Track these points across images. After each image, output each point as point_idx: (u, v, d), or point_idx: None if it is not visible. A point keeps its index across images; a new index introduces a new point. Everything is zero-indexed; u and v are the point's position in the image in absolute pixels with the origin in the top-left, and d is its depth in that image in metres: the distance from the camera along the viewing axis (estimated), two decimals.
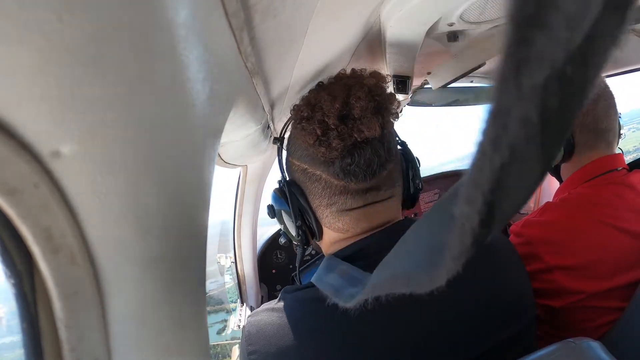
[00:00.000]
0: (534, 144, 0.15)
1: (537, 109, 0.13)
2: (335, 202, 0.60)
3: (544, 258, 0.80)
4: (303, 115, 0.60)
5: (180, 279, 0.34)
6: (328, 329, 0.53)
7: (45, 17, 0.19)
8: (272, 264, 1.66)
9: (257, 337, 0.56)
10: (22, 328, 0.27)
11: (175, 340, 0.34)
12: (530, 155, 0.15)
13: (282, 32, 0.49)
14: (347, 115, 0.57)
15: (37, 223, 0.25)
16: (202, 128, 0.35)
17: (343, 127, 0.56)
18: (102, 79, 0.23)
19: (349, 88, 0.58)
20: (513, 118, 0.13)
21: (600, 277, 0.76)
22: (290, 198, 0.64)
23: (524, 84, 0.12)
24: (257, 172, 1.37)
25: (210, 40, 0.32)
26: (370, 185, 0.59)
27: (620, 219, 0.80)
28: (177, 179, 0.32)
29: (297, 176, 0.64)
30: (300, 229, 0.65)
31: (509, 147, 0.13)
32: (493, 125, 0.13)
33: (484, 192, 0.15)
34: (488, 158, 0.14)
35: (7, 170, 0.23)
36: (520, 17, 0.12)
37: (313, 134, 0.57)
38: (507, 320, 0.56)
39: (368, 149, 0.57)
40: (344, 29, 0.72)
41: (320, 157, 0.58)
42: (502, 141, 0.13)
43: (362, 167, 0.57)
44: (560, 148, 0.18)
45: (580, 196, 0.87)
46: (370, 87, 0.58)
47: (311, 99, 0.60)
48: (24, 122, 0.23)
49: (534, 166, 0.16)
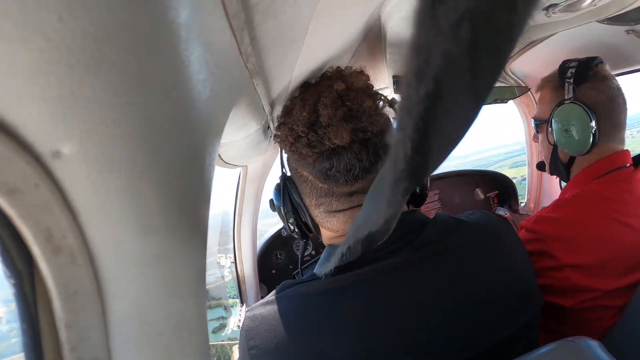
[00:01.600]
0: (463, 79, 0.15)
1: (459, 45, 0.14)
2: (322, 203, 0.61)
3: (557, 255, 0.79)
4: (280, 121, 0.60)
5: (180, 279, 0.34)
6: (331, 320, 0.53)
7: (46, 17, 0.19)
8: (272, 264, 1.66)
9: (256, 331, 0.56)
10: (22, 328, 0.27)
11: (175, 340, 0.34)
12: (460, 88, 0.16)
13: (282, 33, 0.49)
14: (314, 122, 0.56)
15: (37, 223, 0.25)
16: (202, 128, 0.35)
17: (313, 135, 0.55)
18: (102, 79, 0.23)
19: (319, 94, 0.57)
20: (434, 52, 0.14)
21: (613, 275, 0.76)
22: (284, 195, 0.65)
23: (441, 20, 0.13)
24: (257, 172, 1.37)
25: (211, 41, 0.32)
26: (355, 188, 0.58)
27: (631, 216, 0.80)
28: (177, 179, 0.32)
29: (293, 174, 0.65)
30: (295, 224, 0.66)
31: (434, 79, 0.14)
32: (415, 59, 0.14)
33: (414, 118, 0.15)
34: (414, 88, 0.15)
35: (7, 170, 0.23)
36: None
37: (287, 140, 0.58)
38: (516, 311, 0.56)
39: (346, 155, 0.56)
40: (344, 29, 0.72)
41: (300, 159, 0.58)
42: (425, 73, 0.14)
43: (342, 172, 0.56)
44: (494, 83, 0.19)
45: (592, 193, 0.87)
46: (340, 92, 0.56)
47: (288, 103, 0.60)
48: (24, 122, 0.23)
49: (466, 100, 0.17)
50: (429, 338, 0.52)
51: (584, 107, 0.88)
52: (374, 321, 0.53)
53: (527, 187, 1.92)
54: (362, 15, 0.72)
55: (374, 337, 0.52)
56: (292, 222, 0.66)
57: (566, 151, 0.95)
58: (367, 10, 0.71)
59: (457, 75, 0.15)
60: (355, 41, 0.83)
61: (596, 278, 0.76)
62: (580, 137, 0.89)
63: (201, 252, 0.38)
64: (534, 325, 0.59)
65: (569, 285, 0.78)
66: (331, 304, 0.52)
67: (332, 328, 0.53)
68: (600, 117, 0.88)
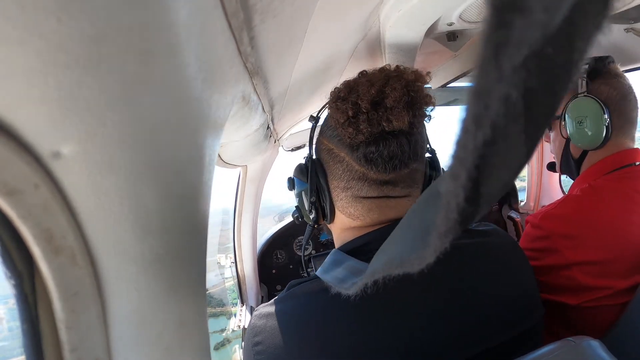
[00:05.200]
0: (518, 123, 0.15)
1: (518, 89, 0.14)
2: (352, 187, 0.62)
3: (564, 253, 0.78)
4: (340, 95, 0.61)
5: (180, 279, 0.34)
6: (335, 318, 0.54)
7: (45, 18, 0.19)
8: (272, 264, 1.66)
9: (262, 328, 0.57)
10: (22, 329, 0.27)
11: (176, 340, 0.34)
12: (514, 134, 0.16)
13: (281, 33, 0.49)
14: (379, 102, 0.58)
15: (37, 224, 0.25)
16: (202, 128, 0.35)
17: (373, 113, 0.57)
18: (101, 80, 0.23)
19: (388, 78, 0.59)
20: (494, 97, 0.13)
21: (619, 274, 0.76)
22: (311, 174, 0.66)
23: (503, 65, 0.13)
24: (256, 172, 1.37)
25: (210, 41, 0.32)
26: (389, 178, 0.60)
27: (639, 215, 0.79)
28: (177, 180, 0.32)
29: (323, 155, 0.66)
30: (313, 206, 0.67)
31: (492, 125, 0.14)
32: (475, 104, 0.14)
33: (468, 168, 0.15)
34: (471, 135, 0.14)
35: (7, 171, 0.23)
36: (499, 1, 0.12)
37: (345, 113, 0.59)
38: (515, 319, 0.57)
39: (394, 142, 0.58)
40: (343, 29, 0.72)
41: (347, 138, 0.59)
42: (484, 119, 0.14)
43: (384, 158, 0.58)
44: (545, 128, 0.18)
45: (601, 189, 0.86)
46: (409, 81, 0.59)
47: (351, 82, 0.62)
48: (24, 123, 0.23)
49: (518, 145, 0.17)
50: (431, 338, 0.53)
51: (597, 101, 0.88)
52: (377, 319, 0.53)
53: (527, 185, 1.92)
54: (361, 16, 0.72)
55: (377, 335, 0.52)
56: (312, 203, 0.66)
57: (579, 145, 0.94)
58: (366, 11, 0.72)
59: (512, 120, 0.15)
60: (355, 41, 0.83)
61: (603, 277, 0.76)
62: (594, 130, 0.89)
63: (201, 252, 0.38)
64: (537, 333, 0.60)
65: (575, 284, 0.77)
66: (335, 302, 0.53)
67: (335, 325, 0.53)
68: (614, 112, 0.88)
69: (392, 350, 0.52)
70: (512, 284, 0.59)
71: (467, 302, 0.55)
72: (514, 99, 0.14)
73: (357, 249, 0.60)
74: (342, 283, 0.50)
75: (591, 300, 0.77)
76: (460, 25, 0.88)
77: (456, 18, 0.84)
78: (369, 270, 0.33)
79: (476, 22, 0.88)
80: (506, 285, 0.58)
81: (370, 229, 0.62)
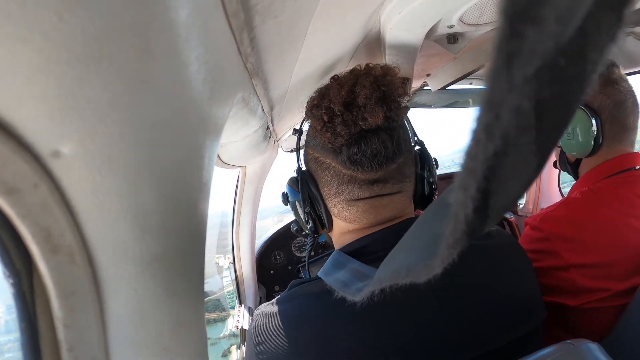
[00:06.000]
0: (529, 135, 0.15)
1: (530, 100, 0.13)
2: (342, 191, 0.62)
3: (563, 255, 0.79)
4: (314, 103, 0.62)
5: (179, 279, 0.34)
6: (336, 320, 0.54)
7: (46, 16, 0.19)
8: (270, 265, 1.66)
9: (265, 328, 0.57)
10: (20, 327, 0.27)
11: (174, 339, 0.34)
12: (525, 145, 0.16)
13: (282, 33, 0.49)
14: (351, 102, 0.58)
15: (36, 223, 0.25)
16: (201, 128, 0.35)
17: (347, 114, 0.57)
18: (102, 79, 0.23)
19: (357, 77, 0.59)
20: (505, 108, 0.13)
21: (618, 277, 0.76)
22: (302, 186, 0.66)
23: (515, 75, 0.13)
24: (256, 173, 1.37)
25: (211, 41, 0.32)
26: (377, 176, 0.60)
27: (638, 218, 0.80)
28: (176, 180, 0.32)
29: (311, 165, 0.66)
30: (309, 216, 0.67)
31: (502, 136, 0.14)
32: (486, 115, 0.14)
33: (478, 178, 0.15)
34: (482, 146, 0.14)
35: (6, 170, 0.23)
36: (512, 11, 0.12)
37: (320, 119, 0.59)
38: (518, 321, 0.57)
39: (374, 139, 0.58)
40: (344, 31, 0.72)
41: (328, 144, 0.60)
42: (495, 130, 0.14)
43: (368, 157, 0.58)
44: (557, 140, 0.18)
45: (601, 192, 0.86)
46: (377, 76, 0.59)
47: (323, 88, 0.62)
48: (24, 122, 0.23)
49: (529, 157, 0.17)
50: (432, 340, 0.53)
51: (586, 111, 0.88)
52: (378, 321, 0.53)
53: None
54: (362, 17, 0.72)
55: (377, 337, 0.53)
56: (307, 213, 0.67)
57: (570, 153, 0.96)
58: (367, 12, 0.72)
59: (523, 132, 0.14)
60: (355, 42, 0.84)
61: (601, 279, 0.76)
62: (582, 140, 0.90)
63: (200, 252, 0.38)
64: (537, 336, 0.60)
65: (573, 286, 0.77)
66: (335, 304, 0.53)
67: (336, 327, 0.53)
68: (606, 120, 0.88)
69: (392, 353, 0.52)
70: (516, 285, 0.59)
71: (469, 304, 0.55)
72: (525, 110, 0.14)
73: (356, 251, 0.60)
74: (346, 287, 0.50)
75: (590, 302, 0.77)
76: (460, 27, 0.89)
77: (456, 21, 0.84)
78: (376, 279, 0.32)
79: (476, 25, 0.88)
80: (509, 287, 0.58)
81: (368, 231, 0.62)
